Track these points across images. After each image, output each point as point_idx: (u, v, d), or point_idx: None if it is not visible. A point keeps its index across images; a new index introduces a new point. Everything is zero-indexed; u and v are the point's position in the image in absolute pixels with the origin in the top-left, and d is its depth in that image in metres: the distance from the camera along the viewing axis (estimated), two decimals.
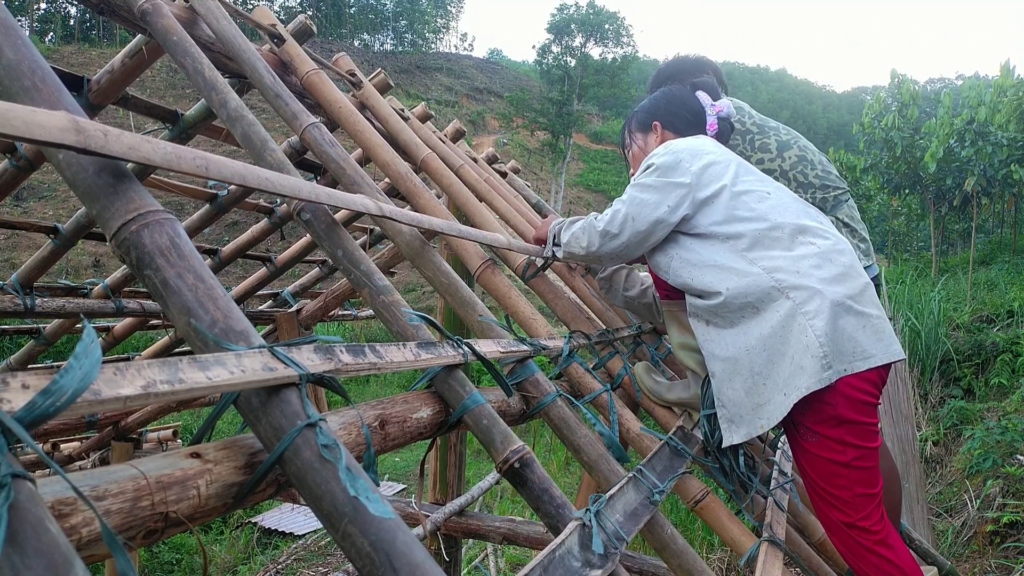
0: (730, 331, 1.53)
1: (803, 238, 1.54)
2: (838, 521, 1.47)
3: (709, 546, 5.00)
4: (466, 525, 3.28)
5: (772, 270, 1.49)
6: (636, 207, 1.62)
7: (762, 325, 1.47)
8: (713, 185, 1.61)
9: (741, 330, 1.51)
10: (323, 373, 0.74)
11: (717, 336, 1.56)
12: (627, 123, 2.04)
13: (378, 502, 0.63)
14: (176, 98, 22.16)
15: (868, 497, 1.45)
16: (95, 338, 0.50)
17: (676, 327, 1.83)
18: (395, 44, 51.64)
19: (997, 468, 5.09)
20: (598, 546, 0.96)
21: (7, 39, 0.80)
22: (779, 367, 1.45)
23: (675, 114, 1.92)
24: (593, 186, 36.58)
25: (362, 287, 1.21)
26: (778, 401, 1.45)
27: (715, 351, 1.57)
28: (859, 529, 1.44)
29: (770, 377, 1.46)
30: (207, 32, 1.66)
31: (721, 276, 1.53)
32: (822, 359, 1.39)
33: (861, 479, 1.44)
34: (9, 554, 0.38)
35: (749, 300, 1.49)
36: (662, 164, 1.64)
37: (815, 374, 1.39)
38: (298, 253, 3.42)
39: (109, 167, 0.76)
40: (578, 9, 36.23)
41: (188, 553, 6.41)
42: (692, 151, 1.66)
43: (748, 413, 1.50)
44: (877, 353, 1.42)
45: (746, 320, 1.50)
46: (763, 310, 1.48)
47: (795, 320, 1.44)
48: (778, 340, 1.45)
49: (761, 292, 1.48)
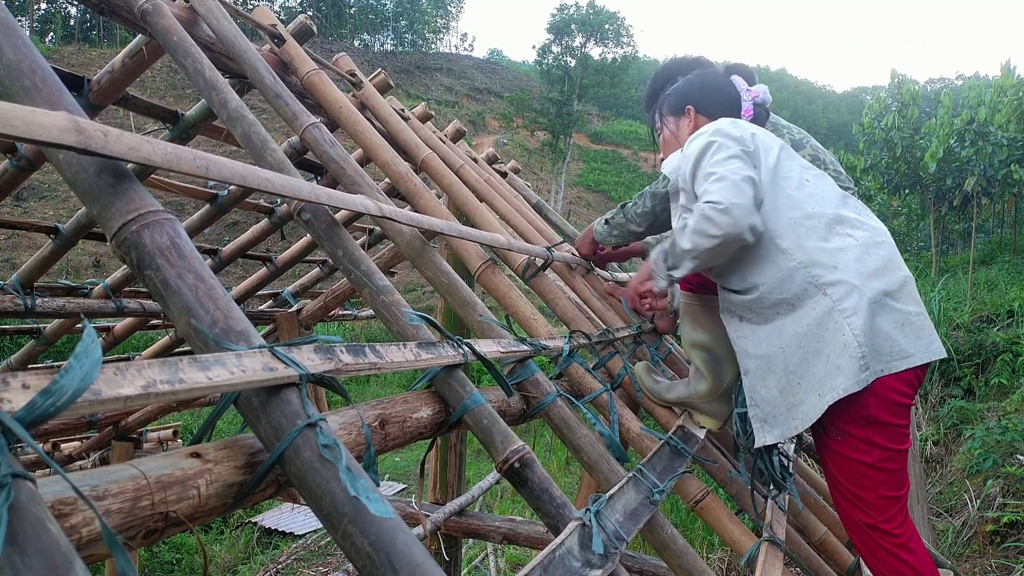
0: (764, 328, 1.49)
1: (840, 228, 1.47)
2: (860, 522, 1.44)
3: (709, 546, 5.00)
4: (466, 525, 3.29)
5: (808, 264, 1.43)
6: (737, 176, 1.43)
7: (797, 322, 1.43)
8: (761, 162, 1.53)
9: (776, 327, 1.47)
10: (323, 373, 0.74)
11: (751, 333, 1.52)
12: (657, 106, 1.96)
13: (378, 502, 0.63)
14: (176, 98, 22.17)
15: (892, 500, 1.42)
16: (95, 338, 0.50)
17: (690, 322, 1.79)
18: (395, 44, 51.62)
19: (997, 468, 5.09)
20: (598, 546, 0.96)
21: (7, 39, 0.80)
22: (814, 366, 1.41)
23: (710, 98, 1.84)
24: (593, 186, 36.58)
25: (362, 287, 1.21)
26: (812, 402, 1.41)
27: (748, 348, 1.53)
28: (881, 531, 1.41)
29: (805, 376, 1.42)
30: (207, 32, 1.66)
31: (758, 268, 1.47)
32: (860, 359, 1.35)
33: (886, 481, 1.41)
34: (9, 554, 0.38)
35: (785, 296, 1.44)
36: (722, 136, 1.52)
37: (852, 375, 1.35)
38: (298, 253, 3.42)
39: (109, 167, 0.76)
40: (578, 9, 36.23)
41: (188, 553, 6.41)
42: (740, 126, 1.58)
43: (782, 413, 1.47)
44: (916, 352, 1.38)
45: (781, 317, 1.46)
46: (799, 306, 1.43)
47: (832, 317, 1.39)
48: (814, 338, 1.40)
49: (797, 288, 1.43)
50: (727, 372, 1.74)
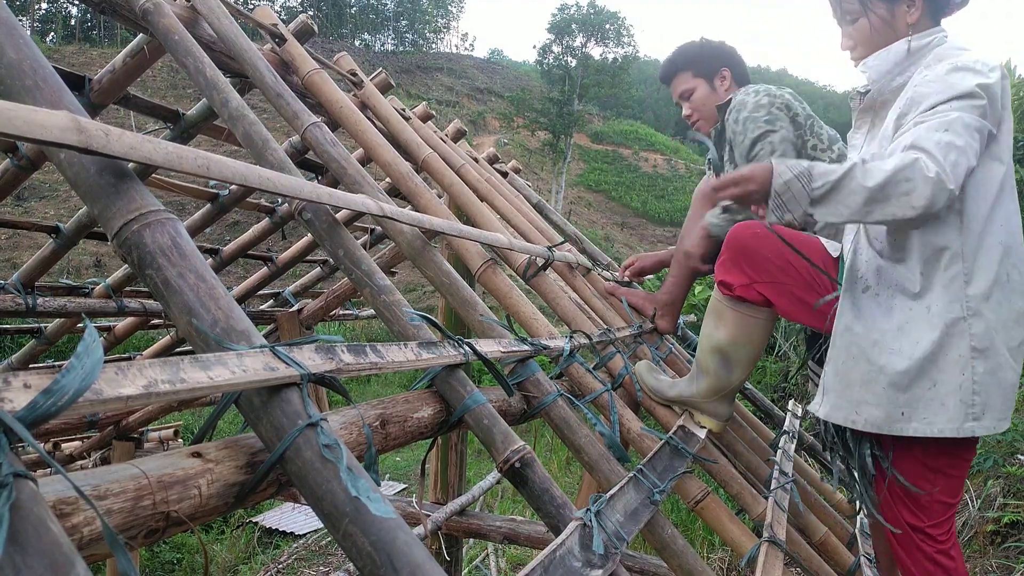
0: (885, 317, 1.35)
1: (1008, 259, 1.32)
2: (906, 524, 1.39)
3: (710, 546, 4.99)
4: (467, 525, 3.29)
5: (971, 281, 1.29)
6: (967, 158, 1.24)
7: (922, 330, 1.29)
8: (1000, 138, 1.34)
9: (897, 322, 1.33)
10: (324, 373, 0.74)
11: (868, 311, 1.37)
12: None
13: (379, 502, 0.63)
14: (177, 98, 22.17)
15: (946, 506, 1.38)
16: (96, 337, 0.50)
17: (714, 320, 1.69)
18: (396, 44, 51.68)
19: (998, 468, 5.08)
20: (599, 546, 0.96)
21: (9, 39, 0.80)
22: (915, 384, 1.30)
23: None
24: (594, 186, 36.59)
25: (363, 287, 1.21)
26: (891, 415, 1.31)
27: (855, 326, 1.38)
28: (926, 535, 1.37)
29: (897, 386, 1.31)
30: (208, 31, 1.66)
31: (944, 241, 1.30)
32: (970, 407, 1.26)
33: (947, 487, 1.37)
34: (11, 553, 0.38)
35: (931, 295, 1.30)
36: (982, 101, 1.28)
37: (956, 421, 1.27)
38: (299, 253, 3.42)
39: (111, 167, 0.76)
40: (579, 9, 36.26)
41: (189, 552, 6.42)
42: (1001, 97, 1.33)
43: (847, 400, 1.38)
44: (1008, 417, 1.31)
45: (914, 314, 1.31)
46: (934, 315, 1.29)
47: (957, 348, 1.27)
48: (928, 359, 1.29)
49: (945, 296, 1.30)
50: (736, 375, 1.69)
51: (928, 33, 1.44)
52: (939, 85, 1.31)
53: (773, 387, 7.38)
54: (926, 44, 1.43)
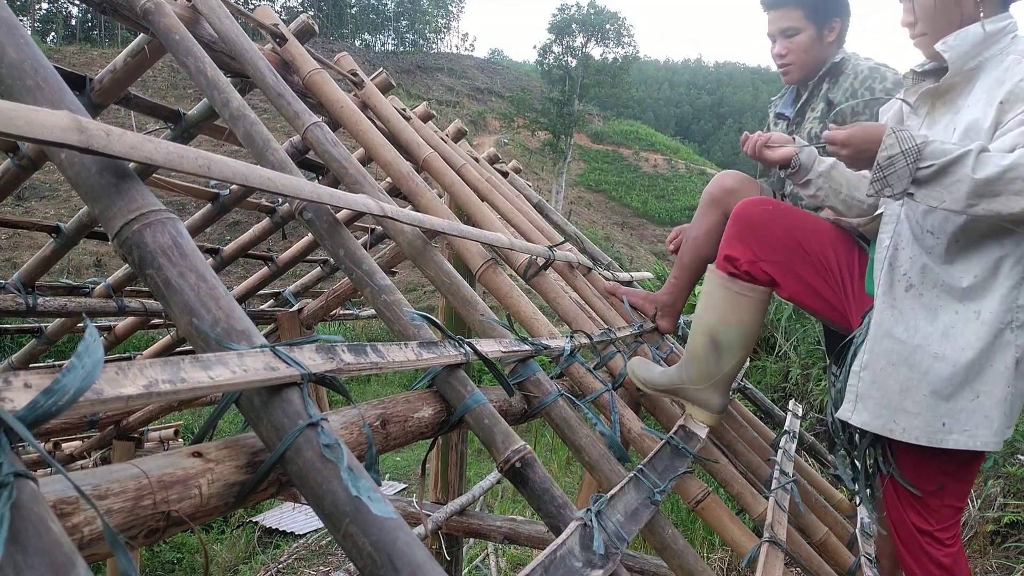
0: (927, 319, 1.30)
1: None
2: (913, 525, 1.37)
3: (710, 546, 4.99)
4: (467, 524, 3.29)
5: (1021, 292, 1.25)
6: None
7: (969, 337, 1.25)
8: None
9: (942, 327, 1.28)
10: (325, 373, 0.74)
11: (911, 314, 1.32)
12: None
13: (380, 502, 0.63)
14: (178, 98, 22.18)
15: (955, 510, 1.37)
16: (97, 337, 0.50)
17: (706, 301, 1.64)
18: (396, 44, 51.72)
19: (998, 468, 5.08)
20: (599, 546, 0.96)
21: (10, 38, 0.80)
22: (958, 395, 1.26)
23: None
24: (594, 186, 36.60)
25: (364, 286, 1.21)
26: (931, 425, 1.28)
27: (896, 331, 1.33)
28: (932, 538, 1.36)
29: (940, 396, 1.27)
30: (209, 31, 1.66)
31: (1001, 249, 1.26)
32: (1008, 417, 1.24)
33: (957, 490, 1.36)
34: (11, 553, 0.38)
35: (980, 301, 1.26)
36: None
37: (998, 433, 1.25)
38: (300, 253, 3.42)
39: (111, 167, 0.76)
40: (579, 9, 36.28)
41: (189, 552, 6.42)
42: None
43: (884, 408, 1.33)
44: (1012, 425, 1.29)
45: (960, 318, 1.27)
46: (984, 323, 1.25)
47: (1003, 359, 1.24)
48: (975, 369, 1.25)
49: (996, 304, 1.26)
50: (727, 362, 1.63)
51: (1002, 17, 1.37)
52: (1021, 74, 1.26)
53: (773, 387, 7.38)
54: (1001, 29, 1.36)
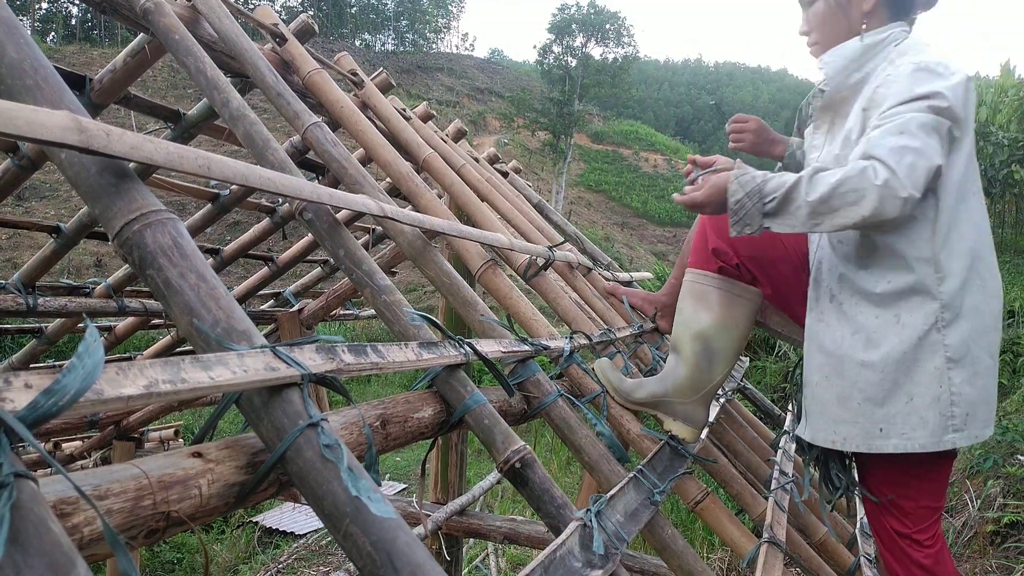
0: (853, 331, 1.31)
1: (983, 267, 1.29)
2: (892, 530, 1.37)
3: (710, 546, 5.00)
4: (467, 525, 3.29)
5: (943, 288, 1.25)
6: (927, 159, 1.19)
7: (893, 342, 1.26)
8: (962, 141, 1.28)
9: (865, 336, 1.29)
10: (325, 373, 0.74)
11: (835, 323, 1.33)
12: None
13: (380, 502, 0.63)
14: (178, 98, 22.18)
15: (932, 510, 1.36)
16: (97, 337, 0.50)
17: (692, 303, 1.57)
18: (396, 44, 51.75)
19: (998, 468, 5.08)
20: (599, 546, 0.96)
21: (10, 38, 0.80)
22: (891, 399, 1.27)
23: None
24: (594, 186, 36.61)
25: (364, 287, 1.21)
26: (870, 432, 1.28)
27: (825, 341, 1.35)
28: (913, 541, 1.35)
29: (872, 402, 1.28)
30: (209, 31, 1.66)
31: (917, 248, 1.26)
32: (950, 418, 1.23)
33: (931, 491, 1.35)
34: (12, 553, 0.38)
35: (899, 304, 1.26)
36: (951, 99, 1.23)
37: (935, 434, 1.23)
38: (300, 253, 3.42)
39: (111, 167, 0.76)
40: (579, 9, 36.29)
41: (189, 552, 6.42)
42: (968, 84, 1.28)
43: (826, 420, 1.35)
44: (991, 425, 1.29)
45: (881, 323, 1.28)
46: (905, 325, 1.26)
47: (932, 360, 1.24)
48: (902, 371, 1.26)
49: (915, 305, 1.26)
50: (717, 370, 1.55)
51: (884, 29, 1.39)
52: (899, 86, 1.29)
53: (773, 387, 7.38)
54: (882, 40, 1.38)
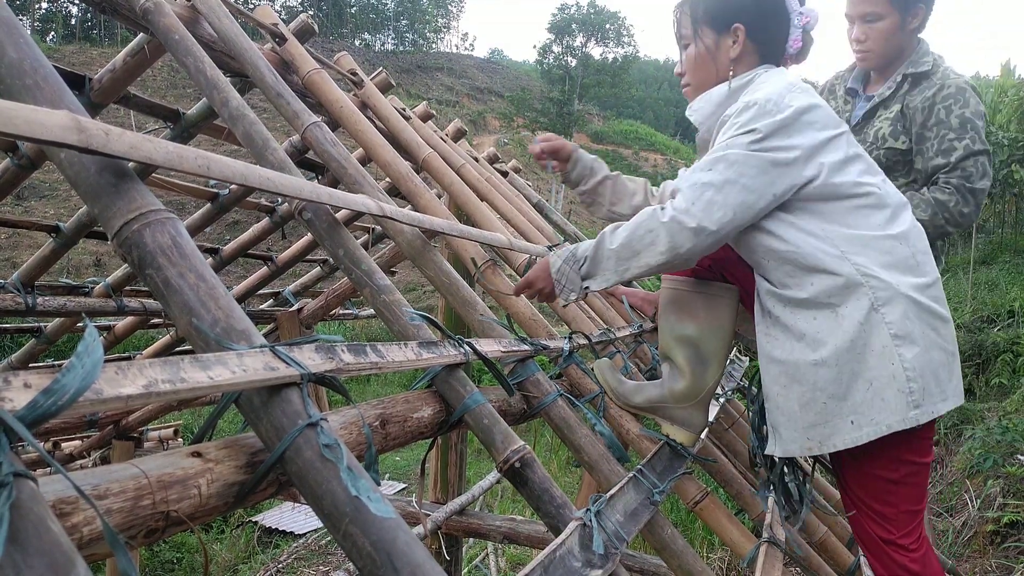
0: (798, 335, 1.33)
1: (903, 247, 1.33)
2: (877, 537, 1.37)
3: (709, 546, 5.00)
4: (467, 524, 3.29)
5: (866, 274, 1.28)
6: (736, 193, 1.27)
7: (837, 335, 1.28)
8: (823, 161, 1.32)
9: (812, 337, 1.31)
10: (325, 372, 0.74)
11: (782, 335, 1.35)
12: (691, 6, 1.51)
13: (379, 502, 0.63)
14: (177, 97, 22.17)
15: (913, 514, 1.35)
16: (96, 337, 0.50)
17: (675, 312, 1.57)
18: (396, 44, 51.74)
19: (998, 468, 5.08)
20: (599, 546, 0.96)
21: (9, 38, 0.80)
22: (852, 390, 1.28)
23: (764, 19, 1.45)
24: None
25: (363, 286, 1.21)
26: (841, 428, 1.29)
27: (775, 353, 1.37)
28: (898, 546, 1.35)
29: (836, 398, 1.29)
30: (209, 31, 1.66)
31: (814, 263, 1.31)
32: (909, 395, 1.24)
33: (910, 495, 1.34)
34: (11, 553, 0.38)
35: (832, 301, 1.29)
36: (767, 130, 1.29)
37: (900, 412, 1.23)
38: (299, 252, 3.42)
39: (111, 166, 0.76)
40: (579, 9, 36.29)
41: (189, 552, 6.42)
42: (803, 119, 1.32)
43: (796, 429, 1.34)
44: (951, 396, 1.29)
45: (820, 323, 1.30)
46: (840, 311, 1.28)
47: (878, 340, 1.26)
48: (855, 359, 1.27)
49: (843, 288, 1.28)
50: (711, 374, 1.56)
51: (749, 73, 1.45)
52: (728, 124, 1.36)
53: None
54: (745, 84, 1.44)
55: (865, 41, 2.05)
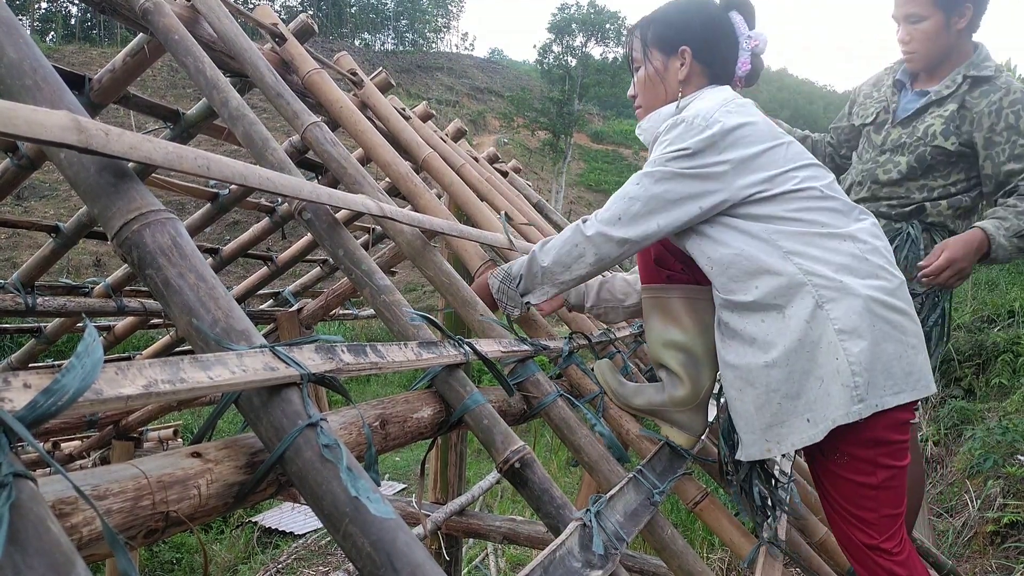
0: (748, 339, 1.35)
1: (848, 245, 1.34)
2: (860, 543, 1.36)
3: (709, 546, 5.00)
4: (467, 525, 3.29)
5: (809, 272, 1.29)
6: (660, 204, 1.34)
7: (785, 335, 1.29)
8: (753, 177, 1.35)
9: (762, 340, 1.32)
10: (324, 373, 0.74)
11: (733, 342, 1.38)
12: (641, 30, 1.57)
13: (379, 502, 0.63)
14: (177, 97, 22.17)
15: (894, 517, 1.35)
16: (96, 337, 0.50)
17: (659, 319, 1.57)
18: (396, 43, 51.74)
19: (998, 468, 5.08)
20: (598, 546, 0.96)
21: (9, 38, 0.80)
22: (804, 387, 1.28)
23: (710, 42, 1.50)
24: (594, 186, 36.58)
25: (363, 286, 1.21)
26: (798, 426, 1.29)
27: (729, 358, 1.38)
28: (881, 551, 1.35)
29: (789, 396, 1.29)
30: (208, 31, 1.65)
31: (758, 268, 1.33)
32: (853, 389, 1.24)
33: (889, 500, 1.34)
34: (11, 553, 0.38)
35: (777, 302, 1.31)
36: (696, 147, 1.33)
37: (843, 406, 1.25)
38: (299, 252, 3.42)
39: (111, 166, 0.76)
40: (579, 9, 36.29)
41: (188, 552, 6.42)
42: (734, 134, 1.36)
43: (755, 432, 1.35)
44: (907, 388, 1.28)
45: (768, 325, 1.32)
46: (787, 310, 1.30)
47: (825, 336, 1.26)
48: (804, 356, 1.28)
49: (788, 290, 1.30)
50: (705, 376, 1.55)
51: (696, 93, 1.50)
52: (658, 141, 1.42)
53: None
54: (690, 103, 1.49)
55: (910, 42, 2.07)
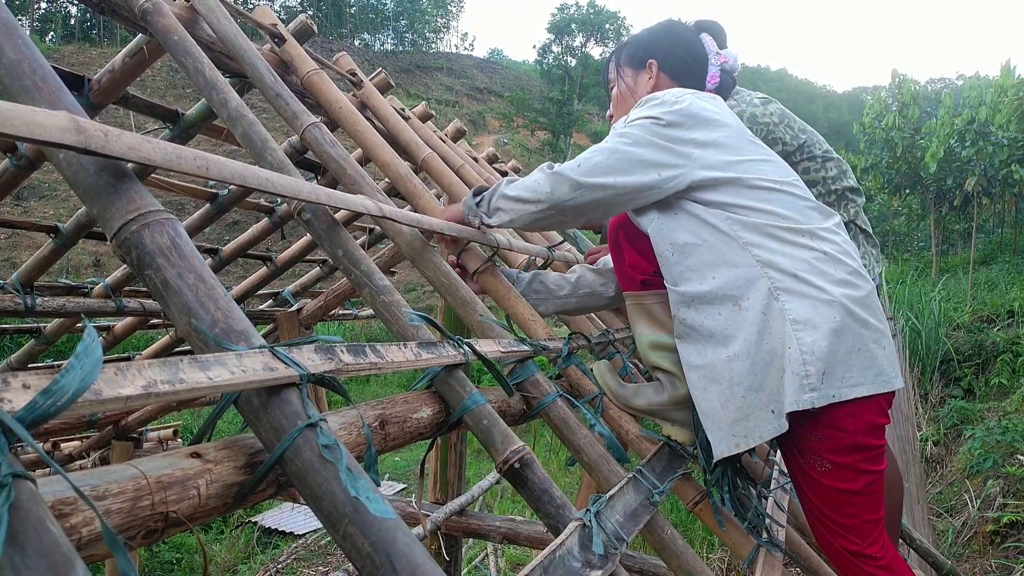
0: (709, 335, 1.35)
1: (807, 240, 1.34)
2: (842, 549, 1.37)
3: (709, 546, 5.00)
4: (466, 525, 3.29)
5: (766, 264, 1.30)
6: (623, 162, 1.36)
7: (743, 327, 1.30)
8: (716, 159, 1.38)
9: (722, 334, 1.33)
10: (324, 373, 0.74)
11: (694, 338, 1.38)
12: (615, 54, 1.72)
13: (379, 502, 0.63)
14: (176, 97, 22.17)
15: (875, 523, 1.36)
16: (96, 337, 0.50)
17: (646, 323, 1.57)
18: (395, 44, 51.73)
19: (997, 468, 5.09)
20: (598, 546, 0.96)
21: (8, 38, 0.80)
22: (765, 378, 1.29)
23: (676, 56, 1.62)
24: None
25: (362, 287, 1.21)
26: (763, 418, 1.29)
27: (691, 358, 1.39)
28: (865, 557, 1.35)
29: (752, 389, 1.30)
30: (208, 31, 1.65)
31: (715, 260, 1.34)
32: (804, 378, 1.24)
33: (870, 505, 1.34)
34: (10, 554, 0.38)
35: (734, 293, 1.32)
36: (668, 119, 1.38)
37: (792, 393, 1.25)
38: (298, 253, 3.42)
39: (110, 167, 0.76)
40: (579, 9, 36.30)
41: (188, 552, 6.42)
42: (701, 115, 1.40)
43: (722, 428, 1.34)
44: (865, 382, 1.27)
45: (724, 320, 1.32)
46: (746, 309, 1.30)
47: (781, 327, 1.27)
48: (763, 347, 1.29)
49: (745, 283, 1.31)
50: None
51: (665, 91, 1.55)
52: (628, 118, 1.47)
53: None
54: None
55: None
